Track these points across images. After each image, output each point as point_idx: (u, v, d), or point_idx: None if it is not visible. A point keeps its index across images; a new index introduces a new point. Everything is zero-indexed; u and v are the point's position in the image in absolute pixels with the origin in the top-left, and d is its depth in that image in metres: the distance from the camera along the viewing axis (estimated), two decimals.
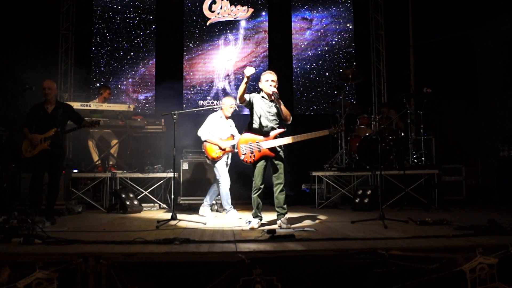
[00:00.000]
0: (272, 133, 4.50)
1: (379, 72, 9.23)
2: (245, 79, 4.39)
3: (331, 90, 8.81)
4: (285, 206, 4.55)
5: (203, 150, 5.76)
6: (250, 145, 4.49)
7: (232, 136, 5.81)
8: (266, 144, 4.46)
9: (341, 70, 8.13)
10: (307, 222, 4.92)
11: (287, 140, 4.52)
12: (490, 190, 8.01)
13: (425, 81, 8.10)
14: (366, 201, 6.33)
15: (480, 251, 2.99)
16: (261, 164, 4.52)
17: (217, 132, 5.69)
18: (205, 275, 2.78)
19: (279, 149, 4.56)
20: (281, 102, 4.52)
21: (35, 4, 8.50)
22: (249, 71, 4.35)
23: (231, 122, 5.89)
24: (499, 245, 3.07)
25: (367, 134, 6.95)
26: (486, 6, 9.42)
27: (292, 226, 4.55)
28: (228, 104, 5.77)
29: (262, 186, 4.53)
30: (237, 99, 4.60)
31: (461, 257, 2.97)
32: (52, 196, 5.07)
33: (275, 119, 4.57)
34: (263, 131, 4.54)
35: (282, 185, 4.51)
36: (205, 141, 5.67)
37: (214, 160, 5.63)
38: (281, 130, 4.54)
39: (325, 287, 2.88)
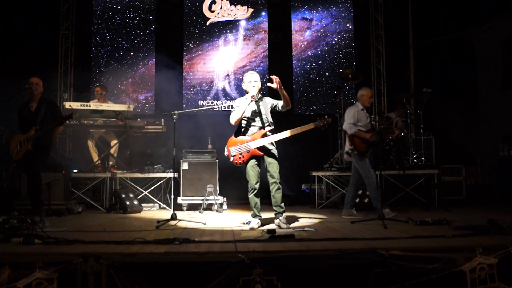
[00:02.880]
0: (259, 133, 4.51)
1: (379, 72, 9.23)
2: (249, 101, 4.49)
3: (331, 90, 8.81)
4: (282, 204, 4.54)
5: (350, 145, 5.39)
6: (238, 146, 4.53)
7: (372, 130, 5.45)
8: (254, 143, 4.47)
9: (341, 70, 8.11)
10: (307, 222, 4.92)
11: (275, 137, 4.51)
12: (490, 190, 8.02)
13: (425, 81, 8.11)
14: (366, 201, 6.33)
15: (480, 251, 2.98)
16: (253, 164, 4.52)
17: (360, 124, 5.40)
18: (205, 275, 2.78)
19: (270, 147, 4.55)
20: (282, 88, 4.48)
21: (35, 4, 8.50)
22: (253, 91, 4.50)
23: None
24: (499, 245, 3.07)
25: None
26: (486, 6, 9.44)
27: (292, 226, 4.55)
28: (368, 95, 5.52)
29: (257, 186, 4.53)
30: (234, 123, 4.60)
31: (461, 257, 2.96)
32: (33, 189, 5.01)
33: (261, 119, 4.59)
34: (251, 132, 4.57)
35: (278, 183, 4.51)
36: (352, 135, 5.35)
37: (362, 154, 5.30)
38: (268, 128, 4.55)
39: (325, 287, 2.87)
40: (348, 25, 9.17)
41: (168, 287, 2.77)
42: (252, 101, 4.54)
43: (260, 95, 4.68)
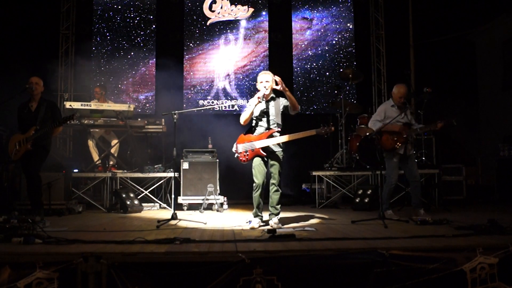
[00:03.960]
0: (266, 133, 4.51)
1: (379, 71, 9.23)
2: (256, 101, 4.49)
3: (332, 90, 8.81)
4: (278, 206, 4.53)
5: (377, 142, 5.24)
6: (245, 144, 4.55)
7: (407, 126, 5.20)
8: (259, 143, 4.48)
9: (341, 70, 8.12)
10: (307, 222, 4.92)
11: (277, 140, 4.50)
12: (490, 190, 8.01)
13: (426, 81, 8.10)
14: (366, 200, 6.34)
15: (481, 251, 2.98)
16: (258, 163, 4.53)
17: (388, 121, 5.19)
18: (205, 274, 2.78)
19: (275, 149, 4.53)
20: (287, 89, 4.50)
21: (35, 4, 8.50)
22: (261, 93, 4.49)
23: (408, 111, 5.33)
24: (499, 245, 3.07)
25: (368, 133, 6.94)
26: (486, 6, 9.43)
27: (292, 225, 4.55)
28: (398, 95, 5.27)
29: (262, 185, 4.53)
30: (243, 123, 4.62)
31: (461, 257, 2.96)
32: (32, 191, 4.99)
33: (267, 120, 4.57)
34: (258, 131, 4.58)
35: (277, 185, 4.50)
36: (377, 131, 5.16)
37: (388, 151, 5.18)
38: (274, 130, 4.52)
39: (325, 286, 2.87)
40: (348, 24, 9.17)
41: (169, 287, 2.77)
42: (259, 101, 4.53)
43: (272, 95, 4.65)
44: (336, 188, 7.13)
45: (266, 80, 4.54)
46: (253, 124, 4.66)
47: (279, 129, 4.60)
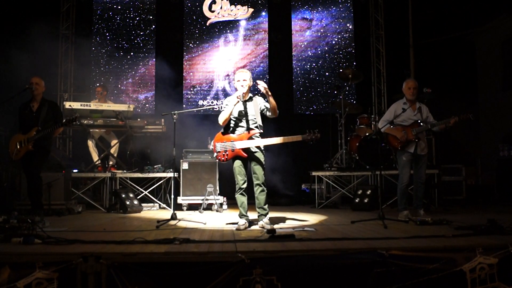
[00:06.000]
0: (247, 134, 4.46)
1: (379, 72, 9.23)
2: (235, 100, 4.40)
3: (331, 90, 8.81)
4: (265, 206, 4.50)
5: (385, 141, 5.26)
6: (224, 144, 4.49)
7: (417, 123, 5.15)
8: (240, 144, 4.44)
9: (341, 70, 8.11)
10: (307, 222, 4.92)
11: (261, 142, 4.47)
12: (490, 190, 8.01)
13: (425, 81, 8.09)
14: (366, 201, 6.34)
15: (480, 251, 2.98)
16: (239, 163, 4.50)
17: (399, 119, 5.18)
18: (205, 275, 2.78)
19: (254, 150, 4.49)
20: (270, 94, 4.39)
21: (35, 4, 8.49)
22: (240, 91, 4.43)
23: (424, 108, 5.28)
24: (499, 245, 3.07)
25: (367, 134, 6.95)
26: (486, 6, 9.43)
27: (292, 225, 4.55)
28: (406, 86, 5.22)
29: (244, 186, 4.51)
30: (222, 123, 4.54)
31: (461, 257, 2.96)
32: (33, 192, 4.98)
33: (247, 120, 4.51)
34: (238, 132, 4.51)
35: (261, 185, 4.47)
36: (385, 131, 5.17)
37: (396, 150, 5.17)
38: (256, 132, 4.49)
39: (325, 287, 2.87)
40: (348, 25, 9.17)
41: (168, 287, 2.77)
42: (238, 101, 4.44)
43: (250, 95, 4.61)
44: (336, 188, 7.13)
45: (244, 79, 4.47)
46: (232, 125, 4.54)
47: (261, 131, 4.56)
